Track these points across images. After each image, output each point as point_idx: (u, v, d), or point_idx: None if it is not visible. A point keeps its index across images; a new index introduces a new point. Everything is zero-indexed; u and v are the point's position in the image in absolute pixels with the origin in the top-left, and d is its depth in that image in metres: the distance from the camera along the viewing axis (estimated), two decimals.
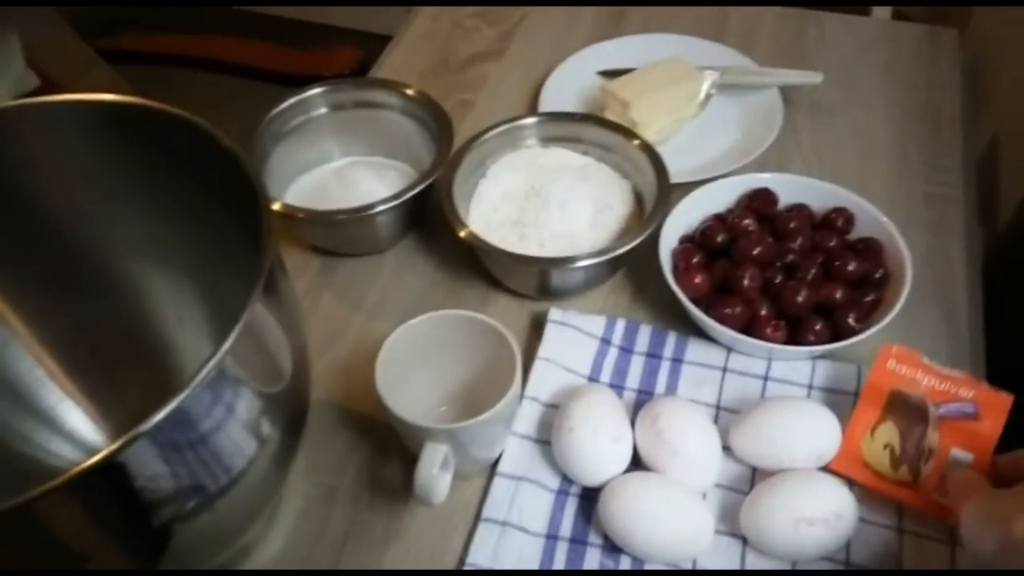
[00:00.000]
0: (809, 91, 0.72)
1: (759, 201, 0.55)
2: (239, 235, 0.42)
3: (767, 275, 0.50)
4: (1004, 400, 0.45)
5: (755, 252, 0.50)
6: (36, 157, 0.42)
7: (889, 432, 0.46)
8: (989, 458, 0.44)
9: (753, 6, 0.83)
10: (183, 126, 0.39)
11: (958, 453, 0.45)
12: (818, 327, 0.48)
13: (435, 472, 0.43)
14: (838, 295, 0.49)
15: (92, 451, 0.49)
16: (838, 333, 0.48)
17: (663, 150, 0.58)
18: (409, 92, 0.61)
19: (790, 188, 0.56)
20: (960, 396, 0.46)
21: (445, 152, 0.58)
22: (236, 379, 0.34)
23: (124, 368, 0.51)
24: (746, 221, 0.53)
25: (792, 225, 0.52)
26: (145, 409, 0.52)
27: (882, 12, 1.03)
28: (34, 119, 0.41)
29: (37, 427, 0.48)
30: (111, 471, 0.29)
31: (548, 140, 0.61)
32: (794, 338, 0.49)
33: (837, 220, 0.54)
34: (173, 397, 0.30)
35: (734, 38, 0.78)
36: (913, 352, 0.47)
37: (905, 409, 0.47)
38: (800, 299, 0.49)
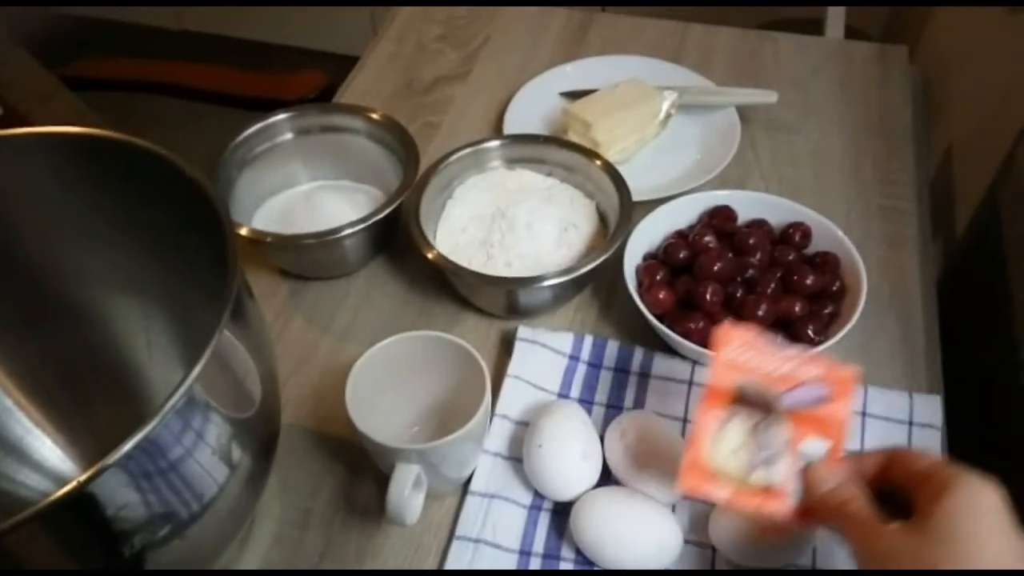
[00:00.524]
0: (766, 109, 0.74)
1: (719, 218, 0.56)
2: (206, 262, 0.42)
3: (728, 290, 0.52)
4: (850, 375, 0.41)
5: (716, 268, 0.52)
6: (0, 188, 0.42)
7: (737, 433, 0.41)
8: (841, 444, 0.40)
9: (710, 24, 0.85)
10: (147, 156, 0.39)
11: (811, 444, 0.40)
12: (778, 340, 0.49)
13: (407, 493, 0.43)
14: (797, 308, 0.51)
15: (62, 481, 0.49)
16: (797, 342, 0.50)
17: (625, 169, 0.60)
18: (374, 116, 0.62)
19: (749, 204, 0.58)
20: (807, 377, 0.41)
21: (412, 175, 0.58)
22: (206, 406, 0.34)
23: (93, 396, 0.50)
24: (707, 238, 0.54)
25: (751, 241, 0.54)
26: (115, 437, 0.52)
27: (835, 29, 1.06)
28: None
29: (4, 457, 0.48)
30: (81, 502, 0.30)
31: (513, 162, 0.62)
32: None
33: (795, 235, 0.55)
34: (142, 426, 0.30)
35: (692, 59, 0.80)
36: (752, 333, 0.42)
37: (751, 403, 0.42)
38: (760, 313, 0.50)
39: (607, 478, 0.48)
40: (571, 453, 0.47)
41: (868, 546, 0.37)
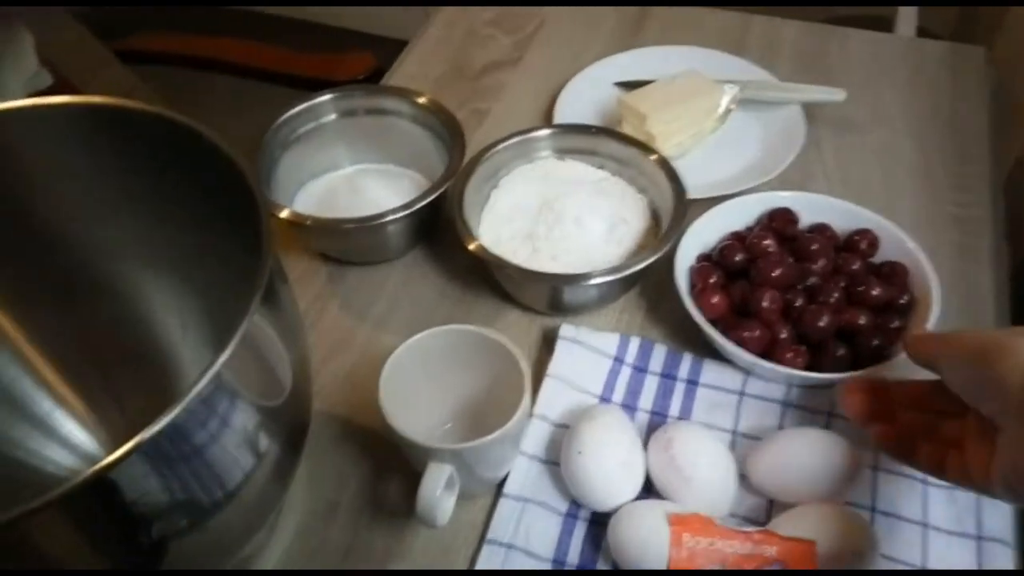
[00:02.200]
0: (832, 108, 0.70)
1: (779, 221, 0.53)
2: (243, 244, 0.40)
3: (787, 298, 0.48)
4: (808, 548, 0.41)
5: (775, 274, 0.49)
6: (33, 160, 0.41)
7: None
8: None
9: (775, 17, 0.82)
10: (186, 132, 0.38)
11: None
12: (840, 353, 0.46)
13: (439, 493, 0.42)
14: (861, 320, 0.47)
15: (87, 458, 0.48)
16: (861, 360, 0.46)
17: (680, 165, 0.57)
18: (421, 100, 0.60)
19: (812, 208, 0.54)
20: (766, 555, 0.41)
21: (457, 162, 0.56)
22: (233, 392, 0.32)
23: (123, 375, 0.49)
24: (766, 241, 0.51)
25: (814, 247, 0.50)
26: (144, 418, 0.51)
27: (906, 28, 1.01)
28: (30, 121, 0.40)
29: (31, 433, 0.47)
30: (103, 486, 0.28)
31: (563, 152, 0.60)
32: (815, 364, 0.47)
33: (861, 242, 0.52)
34: (167, 411, 0.29)
35: (754, 52, 0.77)
36: (701, 517, 0.42)
37: None
38: (822, 323, 0.47)
39: (648, 490, 0.46)
40: (612, 461, 0.44)
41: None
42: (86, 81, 0.90)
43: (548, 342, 0.55)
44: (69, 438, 0.48)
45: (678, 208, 0.53)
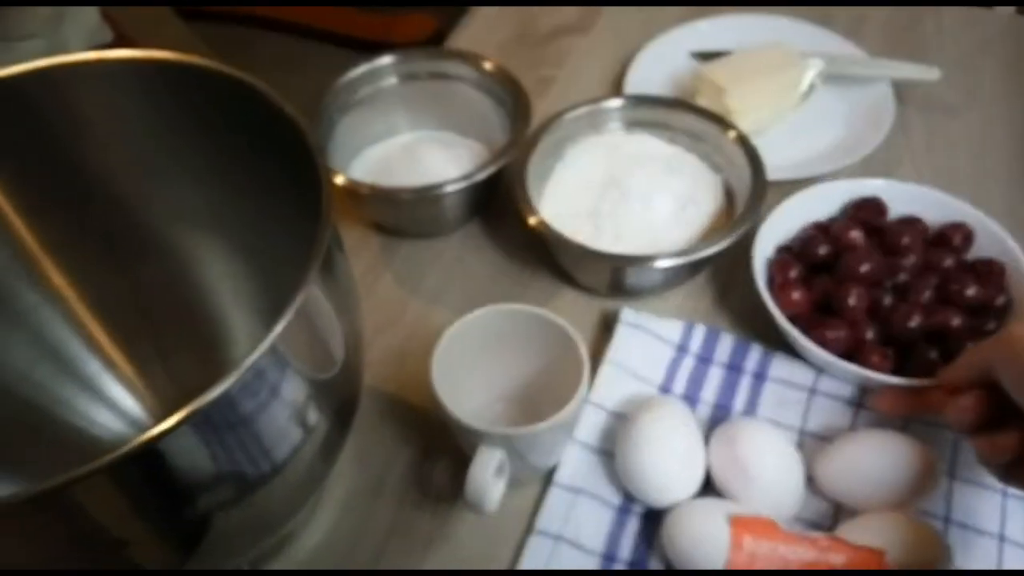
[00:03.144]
0: (923, 88, 0.65)
1: (867, 211, 0.49)
2: (300, 210, 0.39)
3: (874, 295, 0.45)
4: (878, 558, 0.39)
5: (863, 269, 0.45)
6: (94, 116, 0.40)
7: None
8: None
9: None
10: (248, 92, 0.36)
11: None
12: (931, 357, 0.43)
13: (489, 478, 0.40)
14: (955, 322, 0.43)
15: (133, 422, 0.48)
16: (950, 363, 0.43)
17: (758, 142, 0.53)
18: (486, 66, 0.57)
19: (901, 197, 0.50)
20: (832, 563, 0.39)
21: (521, 132, 0.54)
22: (286, 364, 0.31)
23: (173, 338, 0.49)
24: (853, 233, 0.47)
25: (904, 240, 0.46)
26: (190, 383, 0.50)
27: (1005, 5, 0.94)
28: (92, 76, 0.38)
29: (79, 394, 0.47)
30: (151, 456, 0.27)
31: (633, 125, 0.57)
32: (901, 367, 0.43)
33: (954, 237, 0.48)
34: (220, 381, 0.27)
35: (842, 24, 0.72)
36: (764, 520, 0.40)
37: None
38: (912, 324, 0.43)
39: (708, 488, 0.43)
40: (671, 456, 0.42)
41: None
42: (145, 37, 0.89)
43: (607, 326, 0.52)
44: (117, 401, 0.48)
45: (756, 191, 0.49)
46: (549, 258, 0.55)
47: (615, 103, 0.56)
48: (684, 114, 0.55)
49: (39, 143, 0.40)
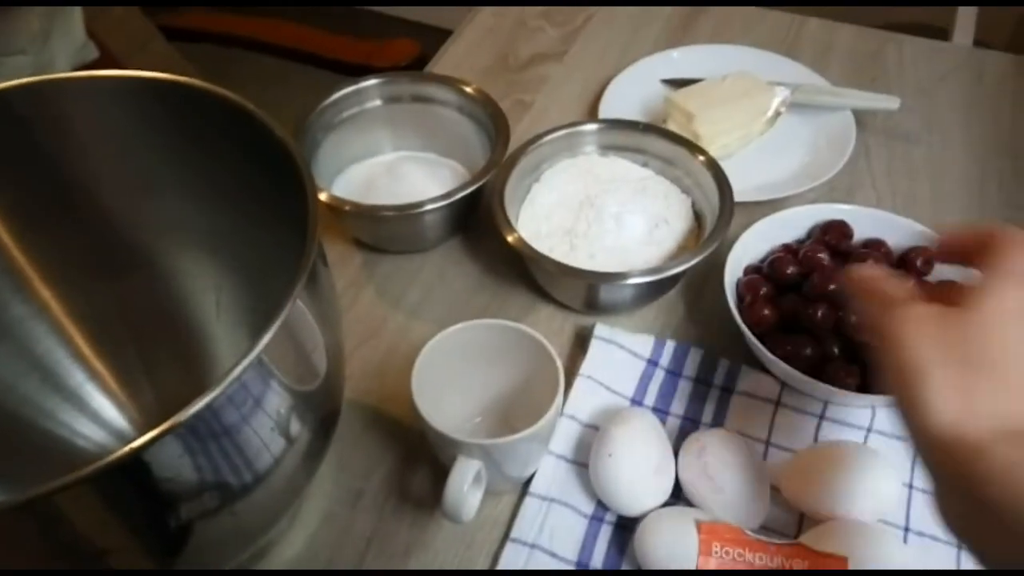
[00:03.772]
0: (884, 116, 0.68)
1: (834, 234, 0.51)
2: (285, 226, 0.40)
3: (840, 314, 0.47)
4: (840, 564, 0.40)
5: (830, 288, 0.47)
6: (84, 131, 0.41)
7: None
8: None
9: (829, 20, 0.80)
10: (236, 111, 0.38)
11: None
12: None
13: (466, 488, 0.41)
14: None
15: (116, 433, 0.49)
16: None
17: (726, 166, 0.55)
18: (468, 90, 0.59)
19: (865, 222, 0.53)
20: (796, 568, 0.41)
21: (500, 154, 0.55)
22: (270, 376, 0.32)
23: (156, 351, 0.50)
24: (820, 255, 0.49)
25: (869, 263, 0.49)
26: (175, 394, 0.51)
27: (963, 38, 0.98)
28: (85, 92, 0.40)
29: (62, 405, 0.47)
30: (135, 466, 0.28)
31: (608, 148, 0.59)
32: (865, 383, 0.45)
33: (916, 260, 0.50)
34: (205, 392, 0.28)
35: (807, 55, 0.75)
36: (731, 527, 0.42)
37: None
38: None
39: (677, 496, 0.45)
40: (643, 466, 0.44)
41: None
42: (130, 55, 0.90)
43: (581, 340, 0.54)
44: (100, 412, 0.48)
45: (724, 212, 0.51)
46: (526, 275, 0.57)
47: (592, 127, 0.58)
48: (656, 138, 0.58)
49: (28, 157, 0.41)
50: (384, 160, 0.63)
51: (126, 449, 0.27)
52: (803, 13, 0.81)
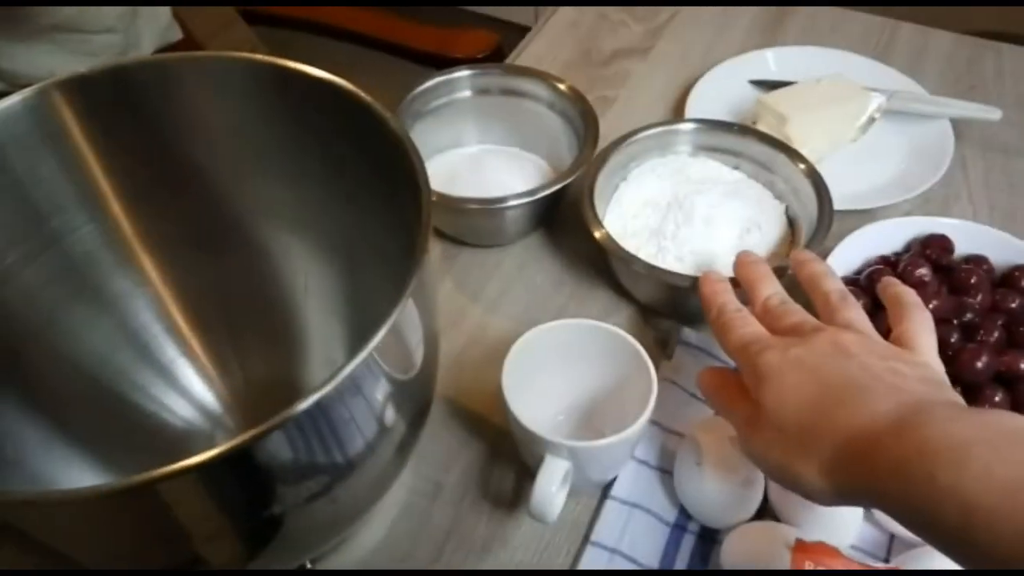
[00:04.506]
0: (982, 127, 0.66)
1: (935, 248, 0.50)
2: (386, 217, 0.40)
3: (942, 333, 0.45)
4: None
5: (931, 306, 0.45)
6: (198, 109, 0.42)
7: None
8: None
9: (924, 25, 0.77)
10: (348, 99, 0.38)
11: None
12: (998, 399, 0.43)
13: (554, 489, 0.41)
14: (1023, 365, 0.44)
15: (204, 409, 0.49)
16: (1019, 408, 0.43)
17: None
18: (560, 86, 0.58)
19: (966, 237, 0.51)
20: None
21: (589, 152, 0.55)
22: (377, 371, 0.32)
23: (245, 330, 0.50)
24: (921, 270, 0.48)
25: (973, 279, 0.47)
26: (261, 374, 0.52)
27: None
28: (204, 72, 0.40)
29: (154, 380, 0.48)
30: (241, 457, 0.28)
31: (699, 149, 0.58)
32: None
33: (1021, 279, 0.48)
34: (316, 390, 0.28)
35: (901, 60, 0.72)
36: (827, 546, 0.39)
37: None
38: (980, 365, 0.43)
39: (764, 511, 0.44)
40: (732, 478, 0.43)
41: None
42: (211, 38, 0.91)
43: (663, 342, 0.53)
44: (189, 388, 0.49)
45: (823, 221, 0.50)
46: (607, 274, 0.56)
47: (688, 126, 0.57)
48: (751, 141, 0.56)
49: (143, 131, 0.42)
50: (469, 152, 0.62)
51: (235, 443, 0.26)
52: (895, 18, 0.78)
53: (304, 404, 0.28)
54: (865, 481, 0.31)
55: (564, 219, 0.59)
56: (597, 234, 0.51)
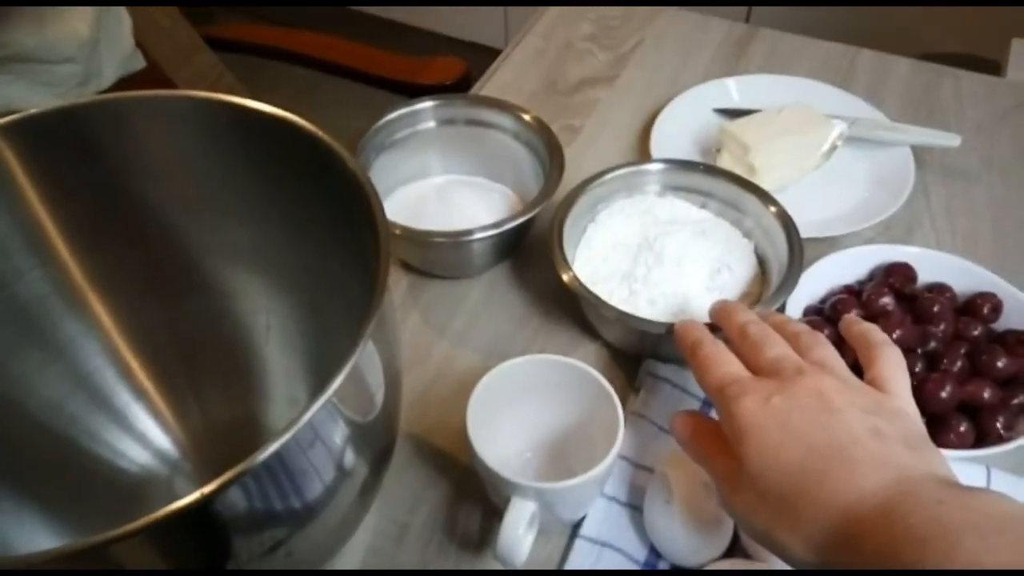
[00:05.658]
0: (943, 153, 0.67)
1: (897, 277, 0.50)
2: (345, 254, 0.39)
3: (907, 362, 0.45)
4: None
5: (895, 335, 0.45)
6: (150, 149, 0.41)
7: None
8: None
9: (884, 51, 0.78)
10: (305, 137, 0.37)
11: None
12: (963, 428, 0.43)
13: (521, 531, 0.40)
14: (986, 394, 0.44)
15: (160, 454, 0.48)
16: (984, 438, 0.43)
17: (779, 200, 0.54)
18: (525, 117, 0.58)
19: (928, 265, 0.51)
20: None
21: (554, 183, 0.54)
22: (337, 416, 0.31)
23: (204, 371, 0.49)
24: (884, 299, 0.48)
25: (935, 308, 0.47)
26: (220, 416, 0.50)
27: (1017, 73, 0.97)
28: (154, 112, 0.39)
29: (108, 425, 0.47)
30: (195, 514, 0.27)
31: (667, 189, 0.57)
32: (933, 438, 0.43)
33: (983, 307, 0.48)
34: (274, 437, 0.27)
35: (861, 87, 0.74)
36: None
37: None
38: (944, 395, 0.43)
39: (735, 548, 0.44)
40: (702, 515, 0.42)
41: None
42: (176, 66, 0.90)
43: (630, 376, 0.52)
44: (145, 432, 0.48)
45: (793, 266, 0.49)
46: (574, 307, 0.56)
47: (653, 167, 0.56)
48: (719, 180, 0.55)
49: (93, 173, 0.41)
50: (434, 183, 0.62)
51: (188, 501, 0.25)
52: (855, 45, 0.79)
53: (261, 455, 0.27)
54: (851, 561, 0.31)
55: (531, 249, 0.59)
56: (566, 277, 0.50)
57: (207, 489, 0.26)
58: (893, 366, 0.37)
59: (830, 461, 0.33)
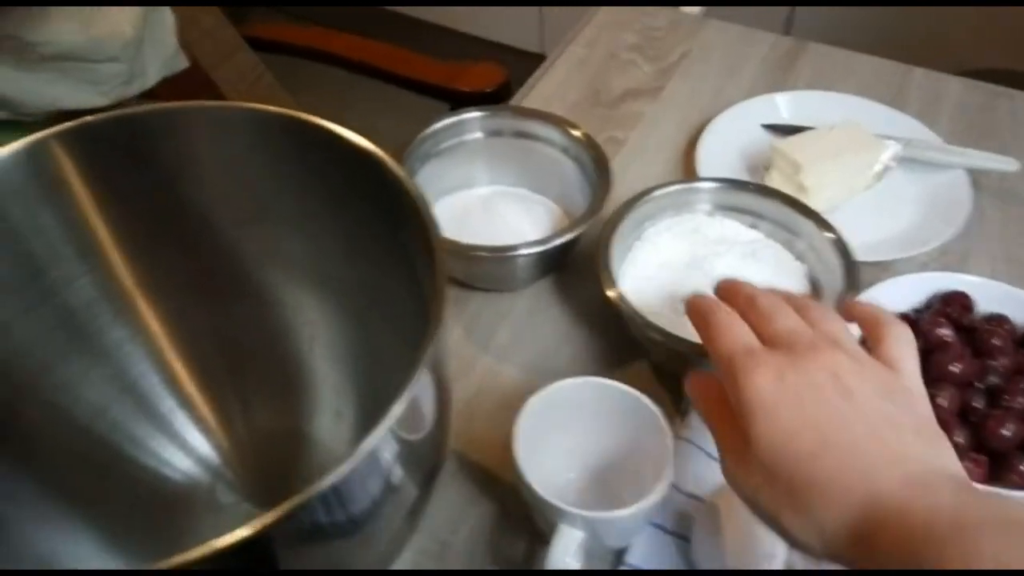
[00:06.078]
0: (999, 178, 0.65)
1: (955, 307, 0.48)
2: (395, 269, 0.39)
3: (965, 397, 0.44)
4: None
5: (954, 369, 0.44)
6: (205, 158, 0.41)
7: None
8: None
9: (937, 71, 0.76)
10: (364, 156, 0.37)
11: None
12: None
13: (569, 560, 0.39)
14: None
15: (202, 461, 0.48)
16: None
17: (829, 220, 0.53)
18: (574, 132, 0.57)
19: (986, 295, 0.49)
20: None
21: (600, 200, 0.54)
22: (393, 441, 0.31)
23: (248, 380, 0.49)
24: (943, 330, 0.46)
25: (995, 341, 0.46)
26: (264, 423, 0.50)
27: None
28: (210, 121, 0.39)
29: (151, 432, 0.47)
30: (250, 544, 0.26)
31: (718, 208, 0.56)
32: (993, 476, 0.42)
33: None
34: (334, 468, 0.27)
35: (914, 106, 0.72)
36: None
37: None
38: (1006, 432, 0.42)
39: None
40: (757, 550, 0.41)
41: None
42: (217, 65, 0.91)
43: (677, 398, 0.52)
44: (188, 440, 0.48)
45: (849, 292, 0.48)
46: (619, 324, 0.55)
47: (704, 185, 0.55)
48: (772, 201, 0.54)
49: (148, 181, 0.41)
50: (479, 193, 0.61)
51: (244, 535, 0.25)
52: (905, 62, 0.78)
53: (319, 487, 0.27)
54: (865, 557, 0.30)
55: (576, 264, 0.58)
56: (612, 295, 0.50)
57: (267, 519, 0.26)
58: (903, 344, 0.36)
59: (846, 457, 0.32)
